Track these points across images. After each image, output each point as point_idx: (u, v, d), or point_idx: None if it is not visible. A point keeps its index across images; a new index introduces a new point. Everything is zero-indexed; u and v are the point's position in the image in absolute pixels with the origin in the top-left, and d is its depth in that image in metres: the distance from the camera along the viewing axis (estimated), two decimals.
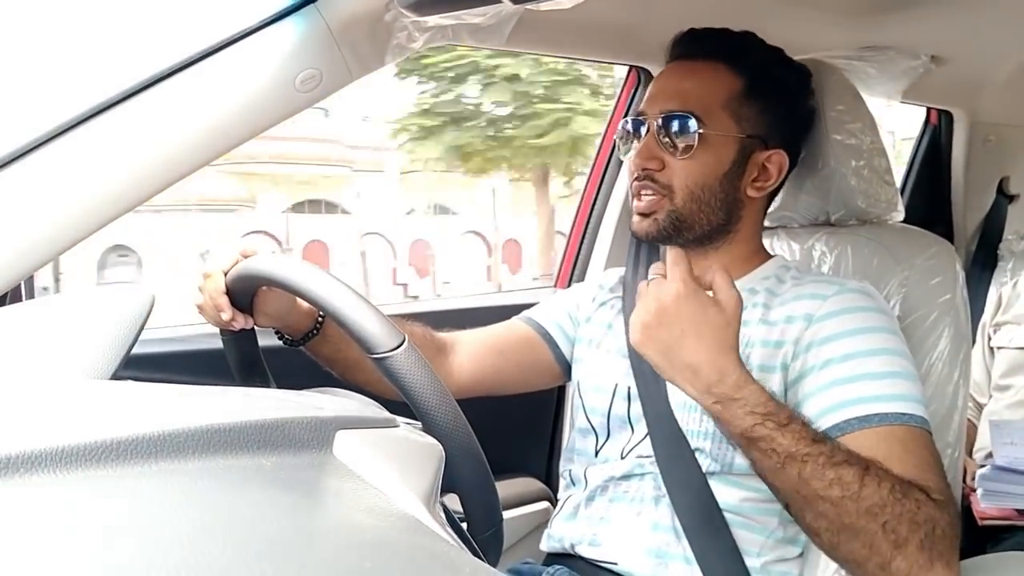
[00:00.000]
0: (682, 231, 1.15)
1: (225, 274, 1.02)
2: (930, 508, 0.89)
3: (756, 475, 0.95)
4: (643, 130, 1.16)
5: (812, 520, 0.90)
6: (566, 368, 1.35)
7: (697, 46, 1.18)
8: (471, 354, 1.30)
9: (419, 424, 0.80)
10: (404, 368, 0.81)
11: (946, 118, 2.35)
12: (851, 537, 0.88)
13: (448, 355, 1.29)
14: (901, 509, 0.87)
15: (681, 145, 1.12)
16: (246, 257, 1.01)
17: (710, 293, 0.96)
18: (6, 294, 0.94)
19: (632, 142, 1.19)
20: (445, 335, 1.30)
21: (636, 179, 1.16)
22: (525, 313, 1.40)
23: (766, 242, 1.27)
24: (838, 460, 0.90)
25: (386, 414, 0.71)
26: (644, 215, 1.16)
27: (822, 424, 0.99)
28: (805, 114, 1.23)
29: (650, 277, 0.99)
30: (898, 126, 3.06)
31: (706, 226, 1.15)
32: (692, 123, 1.12)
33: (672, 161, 1.13)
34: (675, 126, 1.13)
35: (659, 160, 1.14)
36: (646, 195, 1.15)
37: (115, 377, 0.69)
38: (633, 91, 1.78)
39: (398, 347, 0.81)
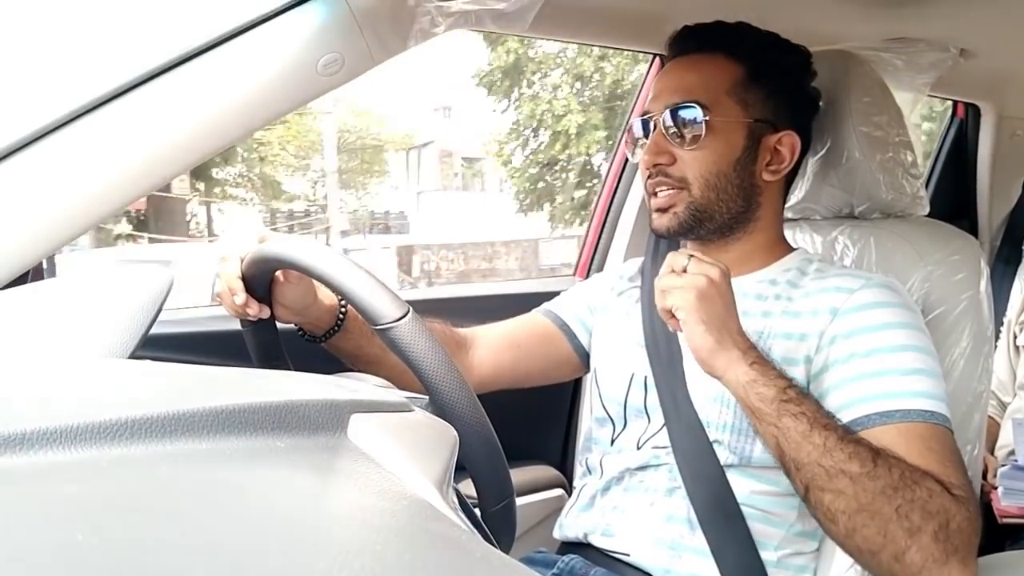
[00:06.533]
0: (703, 222, 1.14)
1: (242, 261, 1.02)
2: (944, 499, 0.88)
3: (776, 459, 0.95)
4: (651, 127, 1.16)
5: (831, 501, 0.89)
6: (586, 359, 1.35)
7: (693, 41, 1.19)
8: (490, 348, 1.31)
9: (425, 398, 0.80)
10: (408, 338, 0.80)
11: (973, 112, 2.32)
12: (867, 520, 0.87)
13: (468, 350, 1.29)
14: (912, 495, 0.87)
15: (689, 136, 1.13)
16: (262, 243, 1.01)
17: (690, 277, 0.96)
18: (27, 272, 0.95)
19: (641, 141, 1.19)
20: (464, 331, 1.31)
21: (649, 177, 1.16)
22: (544, 305, 1.40)
23: (788, 234, 1.26)
24: (853, 437, 0.92)
25: (401, 398, 0.70)
26: (663, 210, 1.15)
27: (843, 418, 0.98)
28: (811, 95, 1.23)
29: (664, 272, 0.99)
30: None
31: (725, 215, 1.15)
32: (697, 112, 1.12)
33: (682, 153, 1.14)
34: (681, 117, 1.13)
35: (669, 154, 1.14)
36: (662, 191, 1.15)
37: (133, 356, 0.69)
38: None
39: (402, 317, 0.81)
